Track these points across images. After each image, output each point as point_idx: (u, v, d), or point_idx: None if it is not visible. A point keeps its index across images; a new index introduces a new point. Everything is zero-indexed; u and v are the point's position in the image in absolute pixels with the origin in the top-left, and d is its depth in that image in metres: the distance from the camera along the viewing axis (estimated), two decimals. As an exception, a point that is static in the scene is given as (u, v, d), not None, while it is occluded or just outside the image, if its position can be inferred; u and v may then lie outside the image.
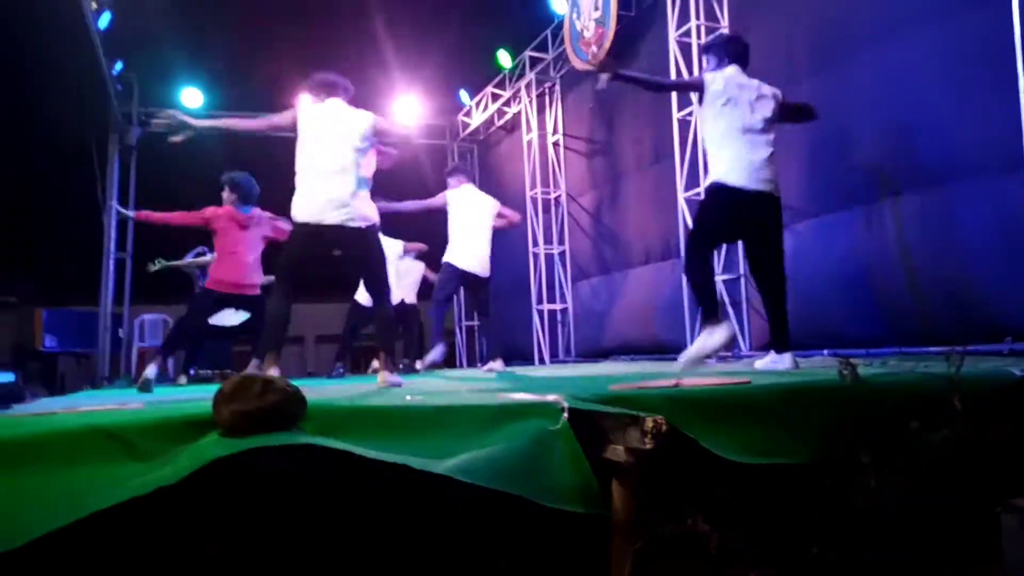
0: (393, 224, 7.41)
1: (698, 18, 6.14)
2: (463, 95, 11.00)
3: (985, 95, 4.00)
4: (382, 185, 5.45)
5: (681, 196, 6.18)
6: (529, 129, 9.35)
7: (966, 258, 4.14)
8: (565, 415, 2.08)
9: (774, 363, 3.71)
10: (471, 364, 10.53)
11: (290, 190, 3.80)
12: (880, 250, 4.67)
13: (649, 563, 1.79)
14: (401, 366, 7.45)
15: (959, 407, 1.80)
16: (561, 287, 9.05)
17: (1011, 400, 2.48)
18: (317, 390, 2.90)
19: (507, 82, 9.91)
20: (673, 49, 6.27)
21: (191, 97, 9.47)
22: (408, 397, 2.50)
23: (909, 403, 1.98)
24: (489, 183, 10.65)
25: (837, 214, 5.06)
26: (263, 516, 1.94)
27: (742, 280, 5.91)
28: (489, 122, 10.86)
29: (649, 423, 1.86)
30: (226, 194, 5.31)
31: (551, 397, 2.17)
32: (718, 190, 3.75)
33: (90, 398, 4.21)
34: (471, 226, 5.96)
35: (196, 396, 3.05)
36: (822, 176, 5.20)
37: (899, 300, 4.52)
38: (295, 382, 2.04)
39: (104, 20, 7.44)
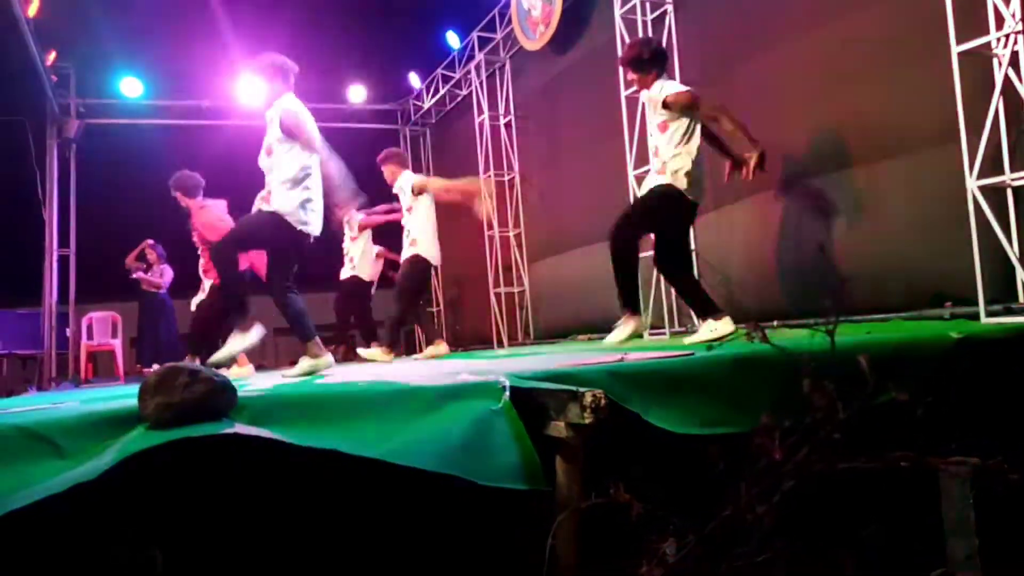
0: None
1: (643, -6, 6.12)
2: (413, 78, 10.82)
3: (920, 70, 4.05)
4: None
5: (631, 173, 6.17)
6: (480, 111, 9.25)
7: (910, 229, 4.21)
8: (507, 394, 2.05)
9: (700, 333, 3.77)
10: (409, 352, 10.41)
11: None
12: (830, 223, 4.73)
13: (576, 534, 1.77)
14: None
15: (865, 367, 1.81)
16: (518, 269, 9.01)
17: (950, 361, 2.54)
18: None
19: (457, 64, 9.79)
20: (619, 25, 6.24)
21: (130, 86, 9.18)
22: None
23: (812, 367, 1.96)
24: (443, 167, 10.53)
25: (783, 191, 5.10)
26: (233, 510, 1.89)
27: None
28: (441, 105, 10.72)
29: (588, 398, 1.84)
30: (181, 196, 5.26)
31: (493, 377, 2.14)
32: (680, 199, 3.83)
33: (31, 401, 4.07)
34: (432, 218, 5.88)
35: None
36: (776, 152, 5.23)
37: (848, 272, 4.59)
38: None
39: (33, 8, 7.14)
